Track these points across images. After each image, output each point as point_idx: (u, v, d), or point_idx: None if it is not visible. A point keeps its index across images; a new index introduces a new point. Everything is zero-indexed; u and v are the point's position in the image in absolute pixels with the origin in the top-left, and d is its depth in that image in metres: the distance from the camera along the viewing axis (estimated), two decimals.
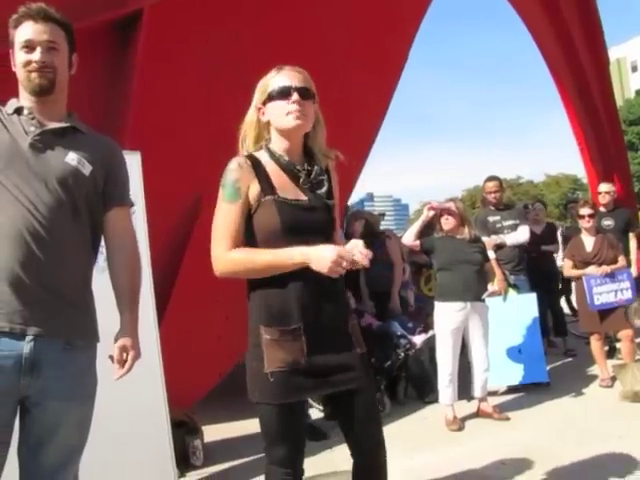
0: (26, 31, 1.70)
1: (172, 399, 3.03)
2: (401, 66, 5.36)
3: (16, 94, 1.77)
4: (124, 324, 1.78)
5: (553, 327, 6.40)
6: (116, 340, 1.77)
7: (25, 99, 1.74)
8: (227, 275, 1.81)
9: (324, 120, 1.90)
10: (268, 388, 1.74)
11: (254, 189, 1.76)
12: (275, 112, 1.79)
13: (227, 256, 1.76)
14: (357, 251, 1.66)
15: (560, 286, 7.03)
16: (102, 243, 1.88)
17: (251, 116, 1.87)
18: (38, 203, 1.64)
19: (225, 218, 1.77)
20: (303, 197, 1.80)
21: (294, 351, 1.74)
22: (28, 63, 1.69)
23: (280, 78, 1.80)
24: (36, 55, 1.69)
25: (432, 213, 4.27)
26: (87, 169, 1.74)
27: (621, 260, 5.03)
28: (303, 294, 1.75)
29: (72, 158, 1.72)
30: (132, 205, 1.94)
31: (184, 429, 3.40)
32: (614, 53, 39.20)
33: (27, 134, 1.68)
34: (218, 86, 3.91)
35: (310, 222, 1.78)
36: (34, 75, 1.69)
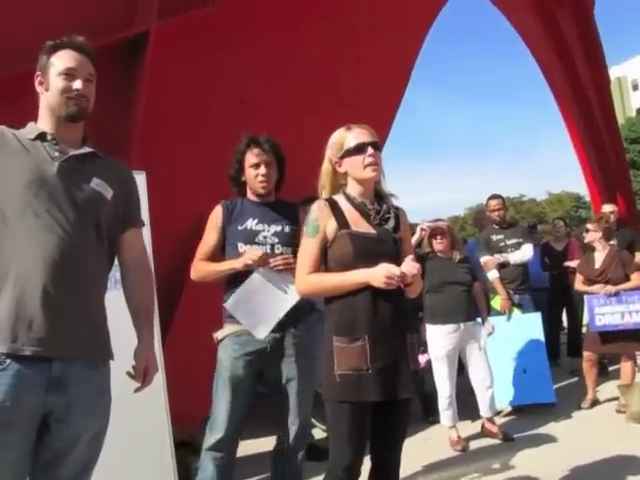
0: (68, 60, 1.76)
1: (175, 419, 3.01)
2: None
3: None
4: (145, 340, 1.87)
5: (569, 347, 6.30)
6: (137, 355, 1.85)
7: (47, 123, 1.78)
8: (307, 294, 2.22)
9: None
10: (335, 387, 2.00)
11: (331, 226, 2.09)
12: (353, 165, 2.11)
13: (306, 279, 2.10)
14: (406, 267, 1.96)
15: None
16: None
17: (326, 168, 2.19)
18: (69, 228, 1.68)
19: (306, 249, 2.12)
20: (373, 231, 2.10)
21: (359, 358, 1.98)
22: (68, 90, 1.75)
23: (354, 136, 2.11)
24: (78, 84, 1.76)
25: (425, 234, 4.32)
26: (109, 194, 1.81)
27: (635, 278, 4.66)
28: (368, 309, 2.01)
29: (97, 183, 1.78)
30: (143, 225, 2.00)
31: (187, 449, 3.37)
32: (615, 72, 39.49)
33: (53, 160, 1.72)
34: (219, 105, 3.96)
35: (378, 251, 2.05)
36: (72, 102, 1.75)
